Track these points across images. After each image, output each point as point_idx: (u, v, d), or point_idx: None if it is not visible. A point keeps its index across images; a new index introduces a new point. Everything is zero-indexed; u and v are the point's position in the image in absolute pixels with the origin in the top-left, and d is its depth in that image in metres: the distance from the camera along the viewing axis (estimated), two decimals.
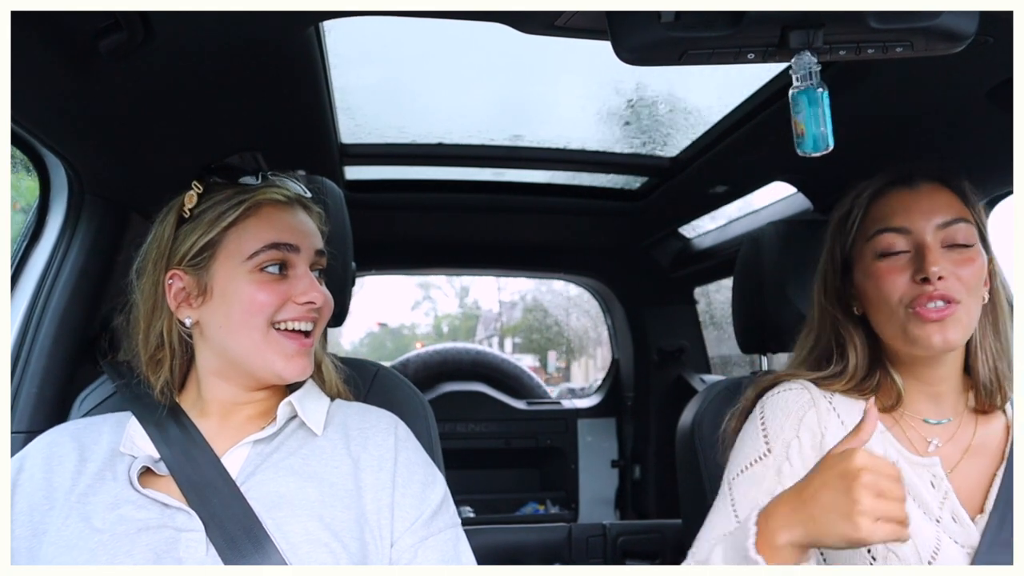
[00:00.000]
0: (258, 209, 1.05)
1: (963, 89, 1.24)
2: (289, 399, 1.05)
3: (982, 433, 1.14)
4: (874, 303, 1.13)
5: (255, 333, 1.01)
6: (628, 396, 3.03)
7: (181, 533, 0.93)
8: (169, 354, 1.06)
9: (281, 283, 1.02)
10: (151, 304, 1.06)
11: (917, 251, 1.09)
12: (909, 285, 1.08)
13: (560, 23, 0.95)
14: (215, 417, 1.06)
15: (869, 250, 1.13)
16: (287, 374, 1.02)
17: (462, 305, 13.40)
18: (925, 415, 1.14)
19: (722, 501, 1.14)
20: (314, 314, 1.04)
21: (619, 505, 3.04)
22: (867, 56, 0.85)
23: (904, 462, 1.09)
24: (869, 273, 1.13)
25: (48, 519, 0.95)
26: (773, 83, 1.48)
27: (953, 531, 1.04)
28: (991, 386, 1.13)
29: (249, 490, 0.98)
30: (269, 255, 1.02)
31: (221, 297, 1.02)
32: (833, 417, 1.13)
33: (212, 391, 1.06)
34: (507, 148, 2.00)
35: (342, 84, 1.55)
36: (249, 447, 1.03)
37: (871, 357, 1.16)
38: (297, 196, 1.10)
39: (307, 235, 1.06)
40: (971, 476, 1.09)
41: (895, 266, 1.10)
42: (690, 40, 0.80)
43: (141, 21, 0.98)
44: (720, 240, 2.50)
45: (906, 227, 1.11)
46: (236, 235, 1.03)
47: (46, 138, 1.25)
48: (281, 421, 1.05)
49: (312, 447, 1.04)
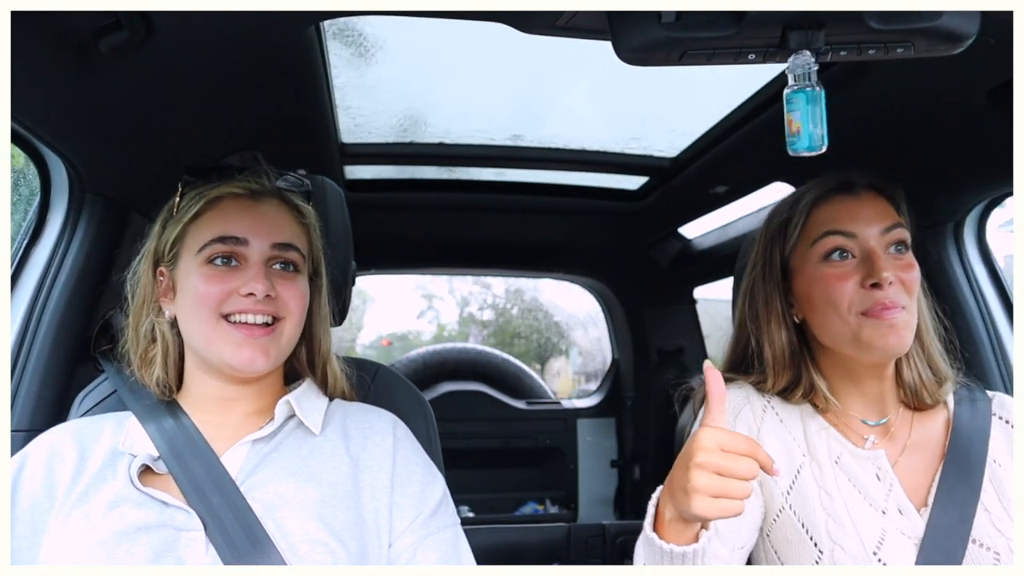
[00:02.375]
0: (216, 203, 1.06)
1: (964, 90, 1.24)
2: (287, 398, 1.05)
3: (920, 430, 1.17)
4: (820, 308, 1.13)
5: (205, 325, 1.02)
6: (628, 396, 3.03)
7: (181, 532, 0.93)
8: (161, 351, 1.08)
9: (228, 275, 1.03)
10: (140, 301, 1.09)
11: (864, 256, 1.11)
12: (858, 291, 1.10)
13: (561, 23, 0.95)
14: (213, 414, 1.06)
15: (814, 254, 1.14)
16: (236, 363, 1.01)
17: (461, 314, 13.89)
18: (863, 416, 1.17)
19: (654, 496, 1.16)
20: (263, 306, 1.02)
21: (618, 505, 3.04)
22: (868, 57, 0.85)
23: (848, 455, 1.12)
24: (816, 278, 1.14)
25: (49, 517, 0.95)
26: (773, 84, 1.48)
27: (899, 523, 1.07)
28: (916, 386, 1.17)
29: (249, 490, 0.98)
30: (214, 248, 1.03)
31: (181, 291, 1.05)
32: (770, 414, 1.16)
33: (200, 386, 1.07)
34: (507, 148, 2.00)
35: (342, 83, 1.55)
36: (248, 446, 1.03)
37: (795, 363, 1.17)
38: (260, 189, 1.09)
39: (262, 228, 1.05)
40: (914, 470, 1.12)
41: (843, 271, 1.12)
42: (690, 40, 0.80)
43: (142, 20, 0.98)
44: (720, 240, 2.50)
45: (852, 232, 1.13)
46: (194, 230, 1.05)
47: (47, 137, 1.24)
48: (279, 420, 1.04)
49: (311, 447, 1.04)
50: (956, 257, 1.66)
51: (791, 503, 1.10)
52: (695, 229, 2.67)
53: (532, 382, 3.42)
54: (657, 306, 2.97)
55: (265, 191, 1.09)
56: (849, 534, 1.05)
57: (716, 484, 0.83)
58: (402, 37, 1.38)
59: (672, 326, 2.96)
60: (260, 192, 1.09)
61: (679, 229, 2.68)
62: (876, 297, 1.08)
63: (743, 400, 1.17)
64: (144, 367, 1.08)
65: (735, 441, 0.85)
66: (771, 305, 1.18)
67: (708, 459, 0.84)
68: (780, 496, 1.11)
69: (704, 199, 2.18)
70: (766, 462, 0.85)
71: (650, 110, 1.76)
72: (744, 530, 1.10)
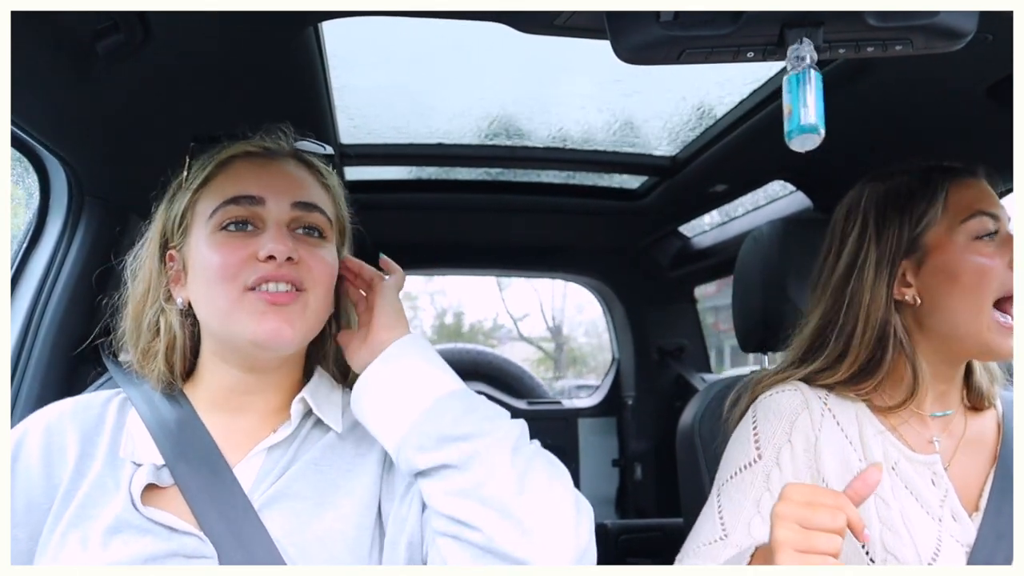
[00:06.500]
0: (227, 166, 0.95)
1: (963, 86, 1.24)
2: (302, 395, 0.96)
3: (974, 428, 1.14)
4: (964, 289, 1.08)
5: (223, 300, 0.89)
6: (629, 395, 3.03)
7: (191, 560, 0.85)
8: (165, 344, 0.96)
9: (244, 240, 0.91)
10: (144, 290, 0.98)
11: (1004, 240, 1.09)
12: (1002, 273, 1.07)
13: (559, 23, 0.95)
14: (224, 413, 0.96)
15: (964, 232, 1.10)
16: (260, 335, 0.88)
17: (440, 320, 15.16)
18: (932, 410, 1.13)
19: (710, 507, 1.13)
20: (285, 271, 0.89)
21: (620, 504, 3.03)
22: (866, 54, 0.84)
23: (904, 461, 1.09)
24: (967, 255, 1.09)
25: (45, 524, 0.88)
26: (773, 81, 1.48)
27: (952, 529, 1.04)
28: (982, 387, 1.15)
29: (265, 508, 0.89)
30: (227, 211, 0.91)
31: (193, 268, 0.93)
32: (828, 419, 1.11)
33: (215, 376, 0.96)
34: (507, 148, 2.00)
35: (341, 84, 1.55)
36: (263, 455, 0.94)
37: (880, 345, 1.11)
38: (276, 148, 0.99)
39: (281, 186, 0.94)
40: (967, 472, 1.09)
41: (992, 251, 1.09)
42: (689, 39, 0.80)
43: (139, 22, 0.98)
44: (720, 239, 2.50)
45: (996, 214, 1.11)
46: (204, 197, 0.94)
47: (45, 140, 1.24)
48: (296, 420, 0.96)
49: (333, 452, 0.96)
50: None
51: None
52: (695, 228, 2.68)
53: (532, 382, 3.43)
54: (658, 305, 2.97)
55: (282, 151, 0.99)
56: (905, 543, 1.01)
57: (799, 538, 0.79)
58: (401, 37, 1.38)
59: (673, 325, 2.96)
60: (276, 151, 0.98)
61: (679, 228, 2.68)
62: (1008, 282, 1.06)
63: (801, 406, 1.12)
64: (146, 362, 0.97)
65: (821, 494, 0.81)
66: (880, 283, 1.12)
67: (788, 510, 0.81)
68: None
69: (704, 198, 2.18)
70: (856, 522, 0.80)
71: (650, 109, 1.75)
72: None
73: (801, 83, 0.80)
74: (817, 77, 0.81)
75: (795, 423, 1.10)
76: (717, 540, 1.08)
